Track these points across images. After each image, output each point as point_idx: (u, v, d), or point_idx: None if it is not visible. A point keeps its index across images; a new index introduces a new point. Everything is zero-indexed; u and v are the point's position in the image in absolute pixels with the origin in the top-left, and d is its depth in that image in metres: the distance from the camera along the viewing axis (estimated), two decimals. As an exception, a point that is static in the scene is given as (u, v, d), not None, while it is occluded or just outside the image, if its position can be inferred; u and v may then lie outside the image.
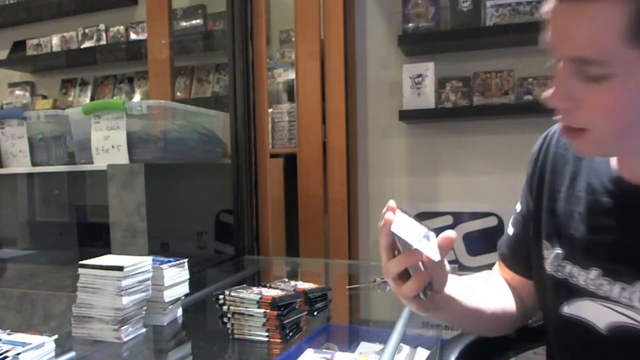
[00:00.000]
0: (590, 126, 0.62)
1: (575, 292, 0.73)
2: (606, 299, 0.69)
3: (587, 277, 0.71)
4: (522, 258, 0.86)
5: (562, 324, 0.75)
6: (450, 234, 0.64)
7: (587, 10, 0.56)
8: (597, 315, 0.71)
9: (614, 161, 0.73)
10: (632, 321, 0.67)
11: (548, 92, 0.63)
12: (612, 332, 0.69)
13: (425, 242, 0.62)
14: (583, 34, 0.57)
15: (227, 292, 0.97)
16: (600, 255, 0.71)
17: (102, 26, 2.79)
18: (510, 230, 0.89)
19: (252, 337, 0.95)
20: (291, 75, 2.39)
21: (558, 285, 0.76)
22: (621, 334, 0.68)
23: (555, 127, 0.83)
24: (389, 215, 0.62)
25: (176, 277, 1.08)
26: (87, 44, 2.84)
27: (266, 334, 0.94)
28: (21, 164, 1.74)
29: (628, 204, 0.69)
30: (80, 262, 0.98)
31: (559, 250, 0.76)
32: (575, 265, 0.74)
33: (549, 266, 0.78)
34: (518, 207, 0.88)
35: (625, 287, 0.67)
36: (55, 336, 0.82)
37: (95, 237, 1.74)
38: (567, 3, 0.57)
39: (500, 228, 1.94)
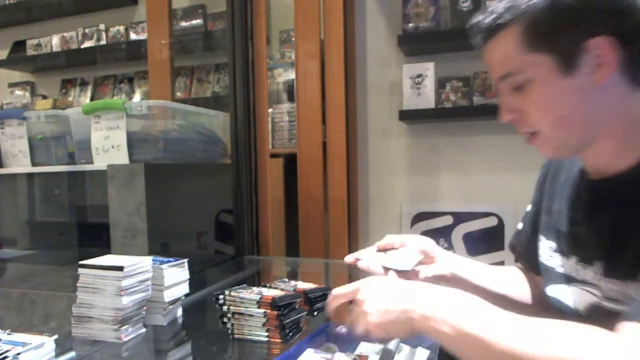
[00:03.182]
0: (537, 127, 0.77)
1: (556, 277, 0.88)
2: (582, 282, 0.81)
3: (565, 263, 0.86)
4: (529, 253, 1.00)
5: (548, 303, 0.91)
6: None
7: (497, 42, 0.78)
8: (570, 295, 0.84)
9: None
10: (597, 299, 0.78)
11: (499, 115, 0.82)
12: (587, 312, 0.80)
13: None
14: (499, 57, 0.78)
15: (227, 292, 0.97)
16: (577, 244, 0.84)
17: (102, 26, 2.80)
18: (519, 225, 1.06)
19: (252, 337, 0.95)
20: (291, 75, 2.39)
21: (545, 270, 0.92)
22: (592, 312, 0.79)
23: None
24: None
25: (176, 277, 1.08)
26: (87, 44, 2.84)
27: (266, 334, 0.94)
28: (21, 164, 1.73)
29: (591, 197, 0.82)
30: (80, 262, 0.98)
31: (552, 244, 0.91)
32: (563, 255, 0.87)
33: (541, 255, 0.94)
34: (528, 207, 1.03)
35: (586, 266, 0.81)
36: (55, 336, 0.82)
37: (95, 237, 1.74)
38: (486, 44, 0.80)
39: (500, 228, 1.94)
